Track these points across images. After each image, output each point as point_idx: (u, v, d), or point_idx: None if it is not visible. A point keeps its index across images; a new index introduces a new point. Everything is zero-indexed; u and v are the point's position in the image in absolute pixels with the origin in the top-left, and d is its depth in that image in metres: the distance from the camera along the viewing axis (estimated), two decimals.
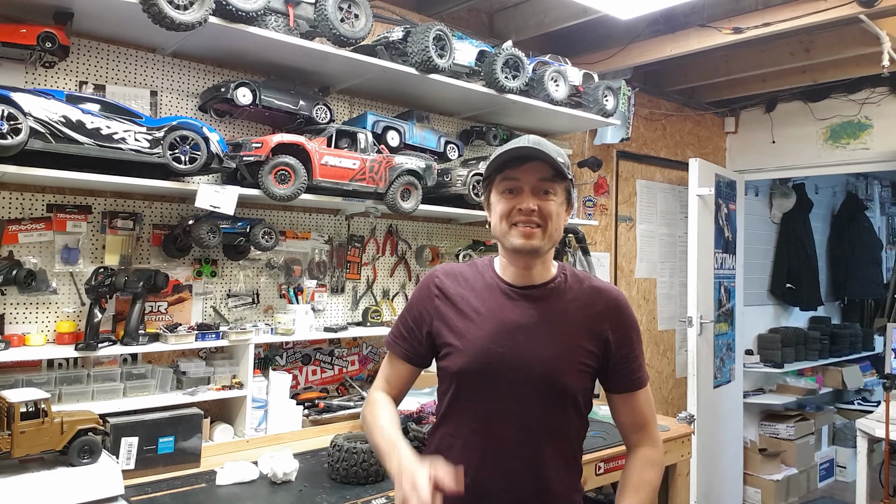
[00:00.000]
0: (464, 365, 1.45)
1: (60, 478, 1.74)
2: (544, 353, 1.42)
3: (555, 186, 1.44)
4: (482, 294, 1.50)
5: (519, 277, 1.49)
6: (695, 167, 4.18)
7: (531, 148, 1.42)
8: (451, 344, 1.48)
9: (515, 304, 1.47)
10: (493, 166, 1.46)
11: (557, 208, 1.44)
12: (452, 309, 1.50)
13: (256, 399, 2.45)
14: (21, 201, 2.14)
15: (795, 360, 5.41)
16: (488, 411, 1.45)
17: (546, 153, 1.40)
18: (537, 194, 1.42)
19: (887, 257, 6.79)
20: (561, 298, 1.48)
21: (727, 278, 4.66)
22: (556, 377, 1.43)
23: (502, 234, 1.45)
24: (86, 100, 2.02)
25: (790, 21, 3.16)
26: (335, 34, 2.38)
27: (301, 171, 2.35)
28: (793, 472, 5.10)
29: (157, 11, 1.95)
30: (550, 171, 1.42)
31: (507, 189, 1.44)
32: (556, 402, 1.44)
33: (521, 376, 1.43)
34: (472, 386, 1.46)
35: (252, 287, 2.65)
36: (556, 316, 1.46)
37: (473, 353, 1.44)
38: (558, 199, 1.44)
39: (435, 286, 1.54)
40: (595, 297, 1.49)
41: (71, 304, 2.22)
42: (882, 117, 4.54)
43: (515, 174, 1.43)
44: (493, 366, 1.43)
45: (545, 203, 1.42)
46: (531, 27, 3.48)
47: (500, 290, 1.49)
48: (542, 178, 1.42)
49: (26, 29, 2.00)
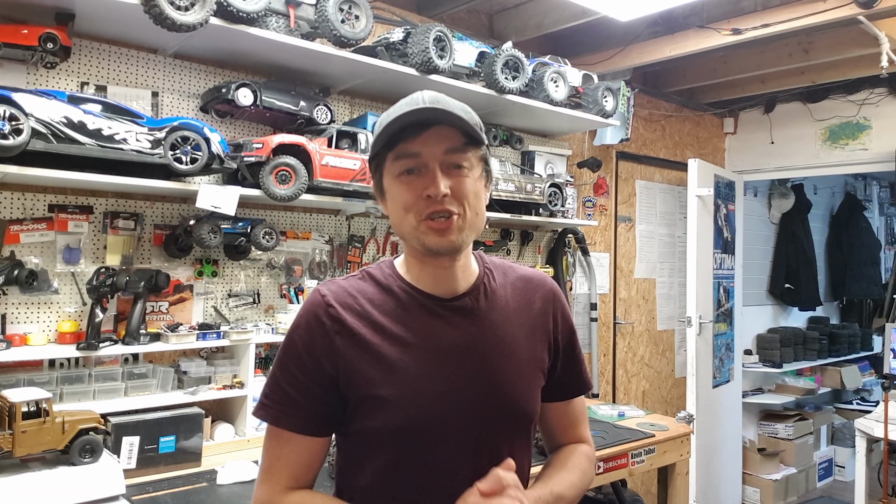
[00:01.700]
0: (401, 421, 1.04)
1: (62, 477, 1.74)
2: (503, 381, 1.10)
3: (468, 157, 1.06)
4: (399, 316, 1.09)
5: (440, 283, 1.11)
6: (694, 168, 4.19)
7: (430, 108, 1.03)
8: (375, 395, 1.05)
9: (448, 323, 1.10)
10: (382, 140, 1.05)
11: (475, 185, 1.07)
12: (363, 345, 1.07)
13: (257, 399, 2.45)
14: (23, 201, 2.14)
15: (794, 360, 5.41)
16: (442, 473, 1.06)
17: (452, 112, 1.03)
18: (447, 171, 1.04)
19: (886, 257, 6.80)
20: (496, 303, 1.14)
21: (726, 278, 4.67)
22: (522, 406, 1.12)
23: (410, 233, 1.07)
24: (87, 100, 2.03)
25: (789, 22, 3.16)
26: (336, 35, 2.39)
27: (302, 172, 2.36)
28: (791, 471, 5.10)
29: (159, 12, 1.96)
30: (460, 137, 1.05)
31: (405, 170, 1.05)
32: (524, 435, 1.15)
33: (482, 418, 1.08)
34: (415, 447, 1.06)
35: (253, 287, 2.66)
36: (501, 328, 1.12)
37: (411, 401, 1.05)
38: (475, 174, 1.08)
39: (329, 317, 1.08)
40: (529, 291, 1.19)
41: (72, 304, 2.23)
42: (880, 118, 4.55)
43: (413, 148, 1.04)
44: (440, 414, 1.05)
45: (459, 182, 1.05)
46: (531, 28, 3.49)
47: (422, 307, 1.10)
48: (450, 148, 1.05)
49: (28, 30, 2.00)
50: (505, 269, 1.21)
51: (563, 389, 1.24)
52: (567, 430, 1.27)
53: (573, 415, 1.26)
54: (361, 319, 1.09)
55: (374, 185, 1.14)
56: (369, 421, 1.07)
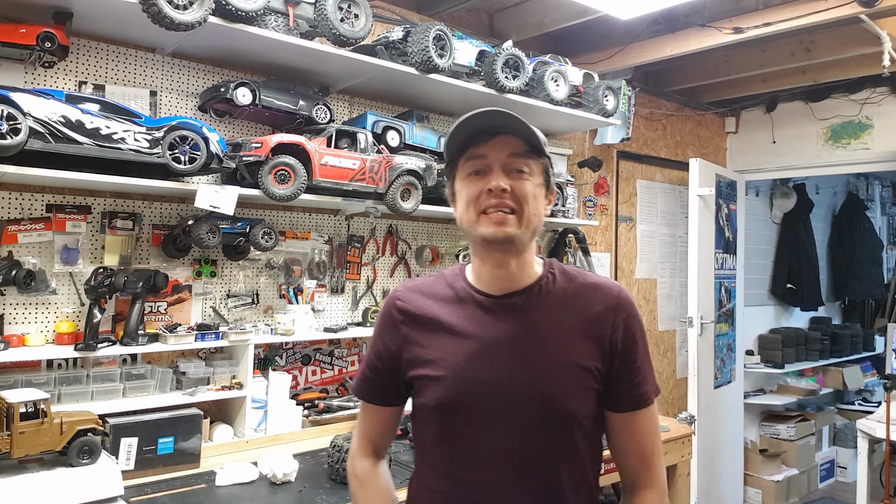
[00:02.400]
0: (443, 398, 1.20)
1: (60, 478, 1.74)
2: (540, 375, 1.17)
3: (530, 164, 1.20)
4: (455, 310, 1.25)
5: (496, 282, 1.23)
6: (695, 167, 4.17)
7: (498, 113, 1.17)
8: (426, 375, 1.22)
9: (497, 318, 1.21)
10: (455, 146, 1.21)
11: (534, 189, 1.19)
12: (422, 333, 1.25)
13: (256, 399, 2.44)
14: (20, 201, 2.14)
15: (796, 361, 5.40)
16: (476, 452, 1.19)
17: (517, 121, 1.17)
18: (509, 173, 1.18)
19: (888, 257, 6.79)
20: (550, 303, 1.22)
21: (728, 278, 4.66)
22: (559, 402, 1.17)
23: (470, 224, 1.20)
24: (85, 100, 2.02)
25: (791, 21, 3.15)
26: (335, 34, 2.38)
27: (301, 172, 2.35)
28: (793, 472, 5.09)
29: (157, 11, 1.95)
30: (524, 145, 1.19)
31: (474, 170, 1.20)
32: (560, 434, 1.19)
33: (516, 406, 1.17)
34: (454, 423, 1.20)
35: (252, 287, 2.65)
36: (548, 326, 1.20)
37: (453, 382, 1.19)
38: (535, 180, 1.20)
39: (397, 310, 1.29)
40: (592, 297, 1.23)
41: (70, 305, 2.22)
42: (883, 117, 4.53)
43: (481, 151, 1.19)
44: (477, 396, 1.18)
45: (519, 183, 1.17)
46: (531, 27, 3.48)
47: (475, 303, 1.24)
48: (513, 153, 1.18)
49: (26, 29, 2.00)
50: (573, 276, 1.27)
51: (619, 399, 1.23)
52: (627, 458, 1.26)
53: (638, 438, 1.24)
54: (423, 312, 1.27)
55: (448, 190, 1.28)
56: (421, 397, 1.25)
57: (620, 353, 1.21)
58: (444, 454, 1.23)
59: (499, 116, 1.17)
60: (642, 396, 1.23)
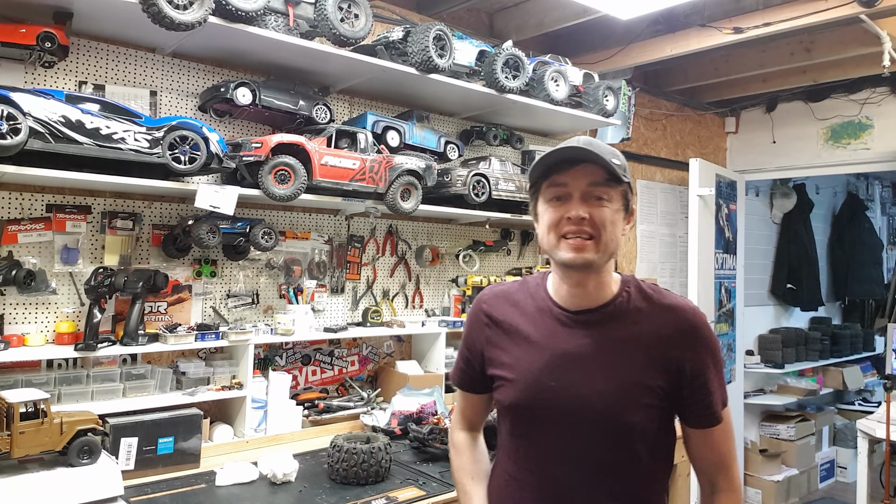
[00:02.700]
0: (514, 399, 1.35)
1: (60, 478, 1.74)
2: (603, 388, 1.27)
3: (609, 192, 1.28)
4: (534, 320, 1.37)
5: (573, 298, 1.34)
6: (695, 167, 4.17)
7: (580, 148, 1.27)
8: (502, 376, 1.38)
9: (570, 332, 1.32)
10: (538, 171, 1.32)
11: (612, 216, 1.28)
12: (503, 337, 1.40)
13: (256, 399, 2.44)
14: (20, 201, 2.14)
15: (796, 361, 5.40)
16: (543, 451, 1.33)
17: (597, 154, 1.25)
18: (588, 201, 1.27)
19: (888, 258, 6.78)
20: (623, 322, 1.31)
21: (728, 279, 4.66)
22: (618, 415, 1.26)
23: (550, 248, 1.31)
24: (85, 100, 2.02)
25: (790, 21, 3.15)
26: (335, 34, 2.38)
27: (301, 172, 2.35)
28: (793, 472, 5.09)
29: (157, 11, 1.95)
30: (603, 174, 1.26)
31: (555, 196, 1.30)
32: (619, 443, 1.28)
33: (578, 414, 1.29)
34: (524, 422, 1.36)
35: (252, 287, 2.65)
36: (618, 344, 1.30)
37: (524, 386, 1.33)
38: (613, 206, 1.28)
39: (483, 313, 1.44)
40: (665, 319, 1.30)
41: (70, 305, 2.22)
42: (883, 117, 4.53)
43: (563, 179, 1.28)
44: (545, 402, 1.31)
45: (598, 210, 1.26)
46: (531, 27, 3.48)
47: (552, 316, 1.35)
48: (593, 182, 1.27)
49: (26, 29, 2.00)
50: (650, 296, 1.34)
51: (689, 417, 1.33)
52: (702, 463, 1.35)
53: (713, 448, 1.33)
54: (504, 318, 1.41)
55: (531, 210, 1.39)
56: (498, 394, 1.40)
57: (689, 376, 1.28)
58: (515, 447, 1.38)
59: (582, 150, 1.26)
60: (713, 416, 1.31)
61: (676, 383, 1.28)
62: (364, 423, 2.67)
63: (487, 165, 3.07)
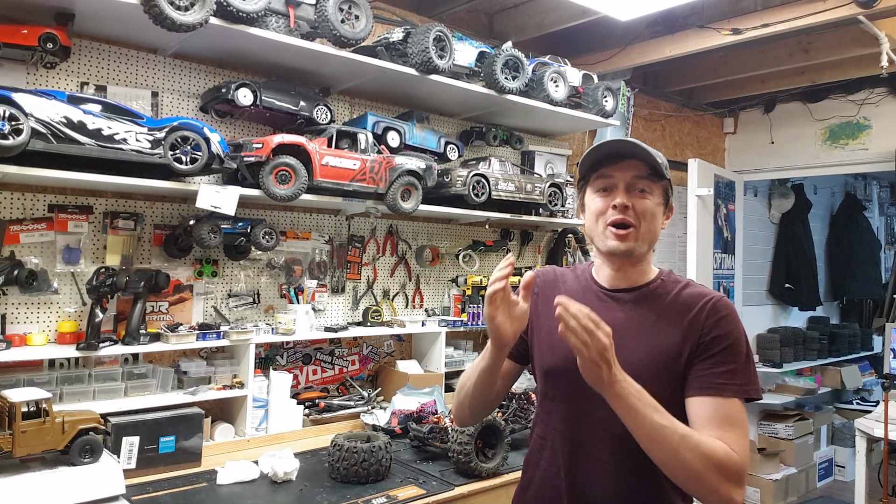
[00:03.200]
0: (550, 364, 1.45)
1: (62, 477, 1.74)
2: (633, 359, 1.31)
3: (651, 185, 1.38)
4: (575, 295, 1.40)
5: (612, 279, 1.45)
6: (694, 168, 4.19)
7: (627, 142, 1.38)
8: (538, 344, 1.50)
9: (605, 306, 1.42)
10: (587, 164, 1.42)
11: (654, 208, 1.38)
12: (546, 309, 1.47)
13: (257, 399, 2.45)
14: (22, 201, 2.14)
15: (794, 360, 5.41)
16: (575, 414, 1.41)
17: (643, 149, 1.36)
18: (632, 192, 1.37)
19: (886, 257, 6.80)
20: (655, 303, 1.41)
21: (726, 278, 4.67)
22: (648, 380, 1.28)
23: (596, 236, 1.41)
24: (87, 100, 2.03)
25: (789, 22, 3.16)
26: (336, 35, 2.39)
27: (302, 172, 2.36)
28: (792, 471, 5.10)
29: (158, 12, 1.96)
30: (646, 168, 1.37)
31: (602, 188, 1.41)
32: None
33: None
34: (558, 386, 1.45)
35: (253, 287, 2.66)
36: (648, 320, 1.39)
37: (559, 352, 1.41)
38: (655, 199, 1.39)
39: (537, 286, 1.54)
40: (692, 302, 1.38)
41: (72, 304, 2.23)
42: (880, 118, 4.55)
43: (610, 171, 1.39)
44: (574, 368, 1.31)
45: (640, 201, 1.37)
46: (531, 28, 3.49)
47: (592, 293, 1.47)
48: (637, 175, 1.37)
49: (27, 30, 2.00)
50: (682, 285, 1.44)
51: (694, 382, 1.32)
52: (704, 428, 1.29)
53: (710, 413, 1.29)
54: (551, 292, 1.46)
55: (578, 201, 1.50)
56: (536, 360, 1.52)
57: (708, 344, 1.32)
58: (548, 409, 1.48)
59: (628, 144, 1.37)
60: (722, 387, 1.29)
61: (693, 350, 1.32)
62: (364, 423, 2.68)
63: (487, 166, 3.08)
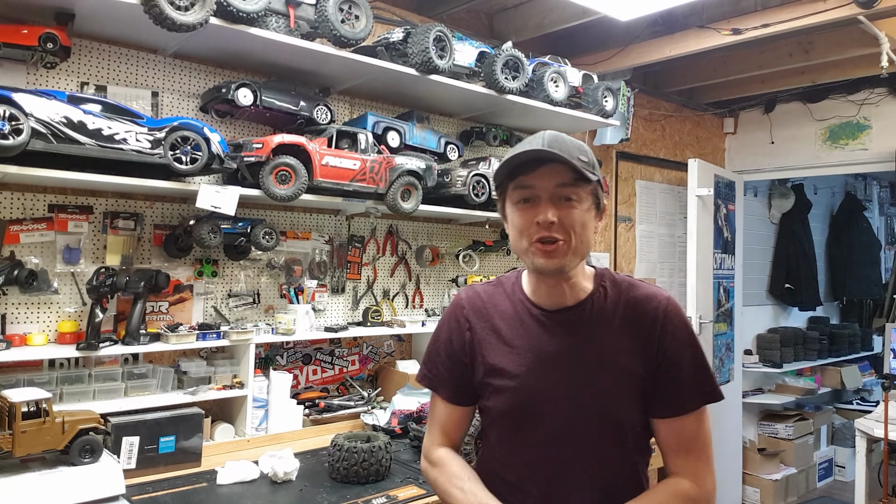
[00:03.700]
0: (504, 407, 1.32)
1: (62, 477, 1.74)
2: (592, 386, 1.25)
3: (578, 192, 1.24)
4: (513, 322, 1.34)
5: (550, 298, 1.32)
6: (694, 168, 4.18)
7: (543, 151, 1.21)
8: (489, 383, 1.34)
9: (551, 333, 1.30)
10: (504, 173, 1.28)
11: (583, 217, 1.24)
12: (484, 343, 1.35)
13: (257, 399, 2.45)
14: (23, 201, 2.14)
15: (794, 360, 5.41)
16: (537, 457, 1.30)
17: (562, 154, 1.20)
18: (557, 203, 1.23)
19: (886, 257, 6.80)
20: (601, 317, 1.30)
21: (726, 278, 4.67)
22: (610, 410, 1.25)
23: (522, 252, 1.28)
24: (87, 100, 2.02)
25: (789, 22, 3.16)
26: (336, 35, 2.38)
27: (302, 172, 2.36)
28: (791, 471, 5.10)
29: (159, 12, 1.96)
30: (571, 173, 1.22)
31: (522, 199, 1.26)
32: (611, 439, 1.27)
33: (570, 415, 1.27)
34: (516, 429, 1.32)
35: (253, 287, 2.66)
36: (599, 339, 1.28)
37: (513, 393, 1.30)
38: (583, 206, 1.24)
39: (464, 318, 1.39)
40: (641, 310, 1.29)
41: (72, 304, 2.23)
42: (881, 118, 4.54)
43: (529, 181, 1.24)
44: (536, 406, 1.28)
45: (567, 213, 1.23)
46: (531, 28, 3.49)
47: (531, 316, 1.33)
48: (560, 183, 1.22)
49: (28, 30, 2.00)
50: (624, 288, 1.33)
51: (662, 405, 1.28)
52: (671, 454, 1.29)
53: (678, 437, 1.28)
54: (485, 323, 1.37)
55: (500, 210, 1.35)
56: (487, 401, 1.36)
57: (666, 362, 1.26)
58: (507, 452, 1.34)
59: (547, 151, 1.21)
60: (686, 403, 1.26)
61: (653, 370, 1.26)
62: (364, 423, 2.68)
63: (487, 166, 3.08)
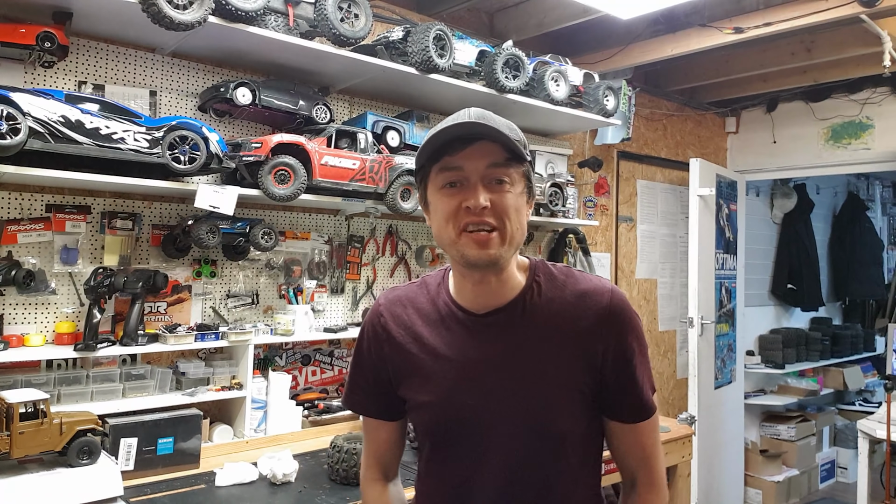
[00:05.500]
0: (431, 423, 1.19)
1: (59, 479, 1.73)
2: (527, 398, 1.11)
3: (510, 173, 1.09)
4: (438, 328, 1.18)
5: (478, 298, 1.15)
6: (695, 167, 4.17)
7: (475, 123, 1.07)
8: (413, 399, 1.20)
9: (481, 339, 1.14)
10: (426, 153, 1.11)
11: (516, 201, 1.09)
12: (404, 355, 1.20)
13: (256, 400, 2.44)
14: (20, 201, 2.13)
15: (796, 361, 5.40)
16: (469, 476, 1.16)
17: (495, 129, 1.06)
18: (488, 185, 1.07)
19: (889, 258, 6.78)
20: (536, 319, 1.14)
21: (728, 279, 4.65)
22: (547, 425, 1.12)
23: (450, 244, 1.10)
24: (85, 100, 2.02)
25: (791, 21, 3.15)
26: (335, 34, 2.37)
27: (301, 172, 2.34)
28: (794, 473, 5.09)
29: (157, 11, 1.95)
30: (503, 152, 1.08)
31: (448, 182, 1.09)
32: (552, 452, 1.14)
33: (504, 429, 1.13)
34: (445, 446, 1.19)
35: (251, 287, 2.65)
36: (535, 345, 1.13)
37: (440, 408, 1.16)
38: (516, 189, 1.10)
39: (381, 327, 1.23)
40: (582, 308, 1.13)
41: (70, 305, 2.22)
42: (883, 117, 4.53)
43: (456, 161, 1.08)
44: (465, 422, 1.14)
45: (500, 196, 1.08)
46: (531, 27, 3.47)
47: (457, 321, 1.17)
48: (492, 163, 1.08)
49: (25, 29, 1.99)
50: (562, 283, 1.17)
51: (617, 411, 1.17)
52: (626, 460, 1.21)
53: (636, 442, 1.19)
54: (406, 330, 1.21)
55: (420, 198, 1.18)
56: (413, 416, 1.24)
57: (613, 367, 1.13)
58: (436, 470, 1.23)
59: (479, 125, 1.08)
60: (643, 407, 1.17)
61: (602, 378, 1.13)
62: None
63: None
